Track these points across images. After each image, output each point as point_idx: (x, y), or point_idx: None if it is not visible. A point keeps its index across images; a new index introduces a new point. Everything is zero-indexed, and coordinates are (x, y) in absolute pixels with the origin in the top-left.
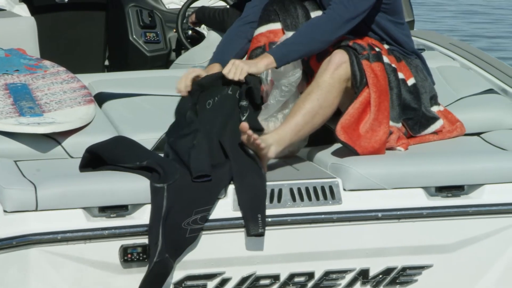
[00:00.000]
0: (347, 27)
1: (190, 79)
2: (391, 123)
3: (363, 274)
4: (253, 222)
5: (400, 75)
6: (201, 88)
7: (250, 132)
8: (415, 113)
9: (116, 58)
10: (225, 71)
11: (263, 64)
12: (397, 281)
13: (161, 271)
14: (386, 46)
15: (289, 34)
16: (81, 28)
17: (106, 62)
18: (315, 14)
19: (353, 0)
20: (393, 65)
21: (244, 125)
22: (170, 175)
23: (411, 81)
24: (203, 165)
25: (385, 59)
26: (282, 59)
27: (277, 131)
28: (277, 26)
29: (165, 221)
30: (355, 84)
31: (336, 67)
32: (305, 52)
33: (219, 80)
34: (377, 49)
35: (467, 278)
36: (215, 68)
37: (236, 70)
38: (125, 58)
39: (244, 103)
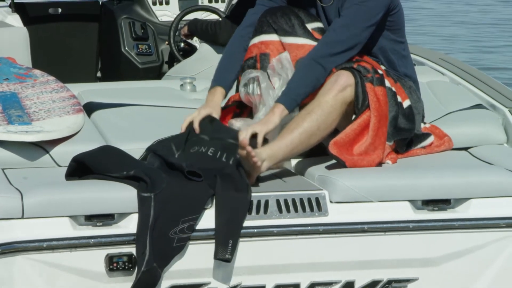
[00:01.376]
0: (351, 54)
1: (198, 122)
2: None
3: (349, 287)
4: (223, 247)
5: (398, 98)
6: (204, 135)
7: (249, 148)
8: (408, 134)
9: (108, 69)
10: (241, 137)
11: (277, 118)
12: None
13: (149, 281)
14: (382, 67)
15: (288, 39)
16: (74, 39)
17: (99, 74)
18: (311, 26)
19: (357, 24)
20: (393, 89)
21: (244, 141)
22: (157, 185)
23: (406, 103)
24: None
25: (387, 82)
26: (292, 104)
27: (271, 146)
28: (269, 37)
29: (152, 230)
30: (357, 106)
31: (340, 89)
32: (312, 90)
33: (228, 135)
34: (380, 72)
35: None
36: (218, 93)
37: (251, 134)
38: (117, 70)
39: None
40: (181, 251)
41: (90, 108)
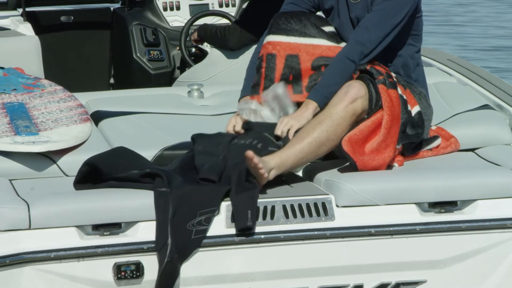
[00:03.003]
0: (379, 50)
1: (240, 123)
2: None
3: None
4: (243, 216)
5: (408, 107)
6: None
7: (256, 160)
8: (416, 139)
9: (120, 76)
10: (277, 132)
11: (310, 113)
12: None
13: (173, 272)
14: (393, 75)
15: (303, 40)
16: (87, 46)
17: (111, 80)
18: (327, 28)
19: (388, 21)
20: (404, 96)
21: (250, 153)
22: (173, 180)
23: (416, 109)
24: (212, 170)
25: (399, 90)
26: (323, 102)
27: (280, 155)
28: (276, 38)
29: (171, 223)
30: (370, 106)
31: (351, 101)
32: (339, 85)
33: (268, 130)
34: (394, 79)
35: None
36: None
37: (287, 129)
38: (129, 76)
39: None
40: (200, 243)
41: (97, 117)
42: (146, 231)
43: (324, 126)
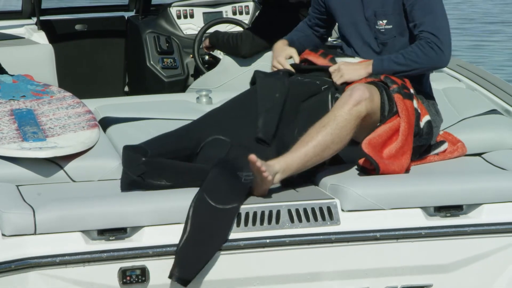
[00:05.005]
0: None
1: (283, 58)
2: None
3: None
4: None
5: (420, 123)
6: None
7: (259, 164)
8: (425, 142)
9: (134, 84)
10: (331, 69)
11: (364, 72)
12: None
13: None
14: (409, 86)
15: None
16: (101, 55)
17: (126, 88)
18: (340, 59)
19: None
20: (419, 110)
21: (252, 157)
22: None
23: (426, 118)
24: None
25: (415, 103)
26: (380, 71)
27: (285, 159)
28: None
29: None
30: (383, 113)
31: (355, 104)
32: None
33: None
34: (412, 91)
35: None
36: (281, 42)
37: (339, 76)
38: (143, 84)
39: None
40: (248, 191)
41: (105, 123)
42: (151, 236)
43: (328, 129)
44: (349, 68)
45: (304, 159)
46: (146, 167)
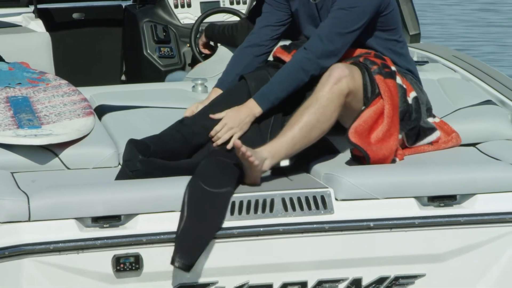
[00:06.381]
0: (337, 59)
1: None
2: None
3: (356, 284)
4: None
5: (408, 99)
6: None
7: (243, 149)
8: (415, 124)
9: (131, 73)
10: (217, 135)
11: (251, 119)
12: None
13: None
14: (390, 64)
15: None
16: (98, 44)
17: (123, 77)
18: None
19: (343, 30)
20: (404, 86)
21: (237, 142)
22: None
23: (412, 94)
24: None
25: (398, 79)
26: (267, 107)
27: (272, 144)
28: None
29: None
30: (365, 95)
31: (335, 82)
32: (287, 92)
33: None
34: (392, 68)
35: (459, 287)
36: (214, 94)
37: (229, 136)
38: (140, 73)
39: None
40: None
41: (101, 111)
42: (145, 224)
43: (311, 109)
44: (236, 122)
45: (291, 142)
46: (141, 165)
